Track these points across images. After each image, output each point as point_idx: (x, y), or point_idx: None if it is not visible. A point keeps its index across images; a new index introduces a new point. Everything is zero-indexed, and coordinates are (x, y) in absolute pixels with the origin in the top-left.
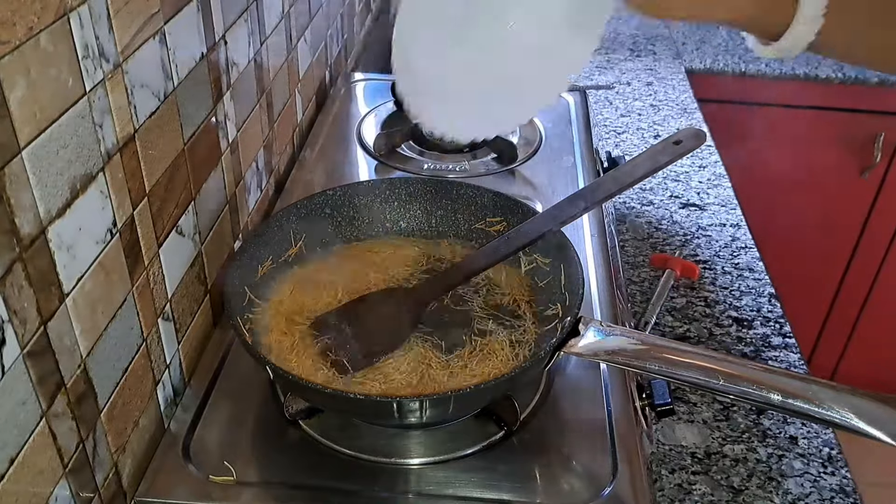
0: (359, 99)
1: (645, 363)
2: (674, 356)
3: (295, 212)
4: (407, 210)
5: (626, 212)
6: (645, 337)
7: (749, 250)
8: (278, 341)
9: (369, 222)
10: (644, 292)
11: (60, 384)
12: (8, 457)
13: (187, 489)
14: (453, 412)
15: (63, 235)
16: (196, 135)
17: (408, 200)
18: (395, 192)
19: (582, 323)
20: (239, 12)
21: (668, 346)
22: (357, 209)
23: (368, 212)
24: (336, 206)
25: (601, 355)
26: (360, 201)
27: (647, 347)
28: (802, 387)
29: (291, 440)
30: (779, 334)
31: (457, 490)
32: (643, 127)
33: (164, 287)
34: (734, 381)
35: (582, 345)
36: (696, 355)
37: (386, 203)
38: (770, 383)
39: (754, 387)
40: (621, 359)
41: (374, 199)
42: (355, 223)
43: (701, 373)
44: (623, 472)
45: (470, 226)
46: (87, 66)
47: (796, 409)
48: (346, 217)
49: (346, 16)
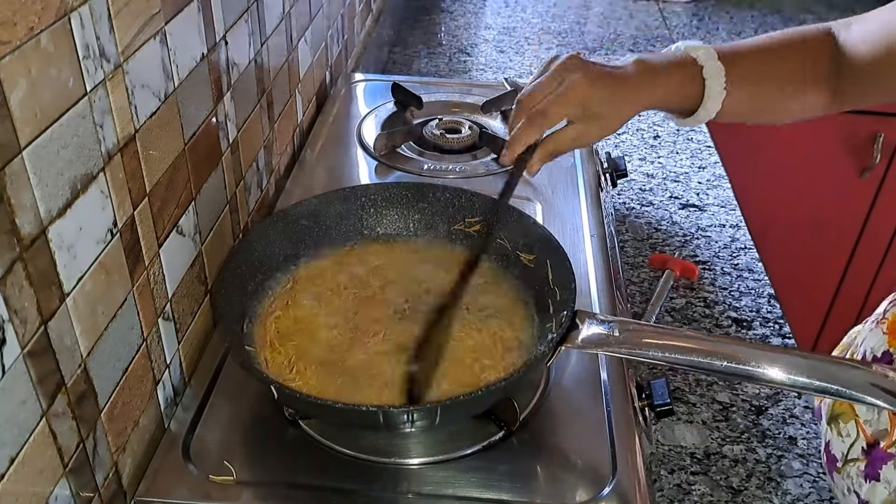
0: (359, 99)
1: (644, 350)
2: (670, 341)
3: (272, 225)
4: (384, 216)
5: (625, 212)
6: (642, 326)
7: (748, 251)
8: (272, 357)
9: (347, 230)
10: (644, 293)
11: (61, 384)
12: (8, 456)
13: (187, 489)
14: (459, 416)
15: (63, 235)
16: (196, 135)
17: (384, 206)
18: (370, 198)
19: (579, 317)
20: (239, 12)
21: (665, 333)
22: (333, 217)
23: (346, 219)
24: (313, 215)
25: (600, 349)
26: (335, 210)
27: (646, 334)
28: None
29: (291, 440)
30: (778, 335)
31: (456, 490)
32: (643, 127)
33: (165, 287)
34: (733, 360)
35: (582, 338)
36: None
37: (363, 209)
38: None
39: (752, 364)
40: (621, 349)
41: (351, 205)
42: (333, 232)
43: (702, 354)
44: (622, 473)
45: (449, 227)
46: (88, 67)
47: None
48: (324, 227)
49: (347, 16)
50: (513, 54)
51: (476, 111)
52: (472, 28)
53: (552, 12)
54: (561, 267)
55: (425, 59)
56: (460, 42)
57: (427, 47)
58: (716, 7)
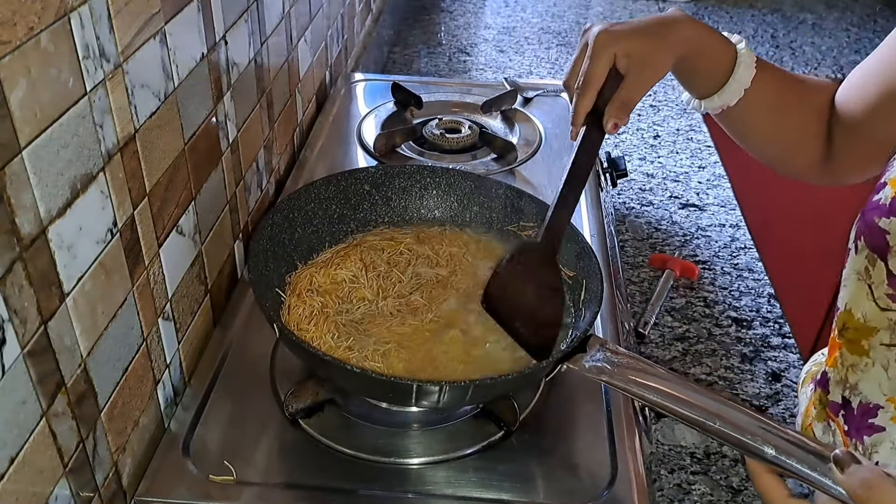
0: (359, 99)
1: (643, 392)
2: (671, 390)
3: (335, 182)
4: (443, 200)
5: (625, 212)
6: (648, 365)
7: (748, 251)
8: (296, 305)
9: (405, 207)
10: (644, 292)
11: (61, 384)
12: (8, 456)
13: (187, 489)
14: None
15: (63, 235)
16: (196, 135)
17: (447, 191)
18: (435, 180)
19: (590, 343)
20: (239, 12)
21: (669, 379)
22: (396, 191)
23: (406, 196)
24: (376, 184)
25: (601, 377)
26: (399, 184)
27: (647, 376)
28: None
29: (291, 440)
30: (778, 334)
31: (456, 490)
32: (643, 127)
33: (165, 287)
34: (728, 426)
35: (585, 363)
36: (697, 393)
37: (425, 190)
38: (763, 436)
39: (748, 436)
40: (620, 383)
41: (414, 184)
42: (391, 205)
43: (698, 412)
44: (622, 472)
45: (502, 226)
46: (88, 67)
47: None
48: (384, 198)
49: (346, 16)
50: (513, 54)
51: (476, 111)
52: (472, 28)
53: (552, 12)
54: (594, 293)
55: (425, 58)
56: (460, 42)
57: (427, 47)
58: (716, 7)
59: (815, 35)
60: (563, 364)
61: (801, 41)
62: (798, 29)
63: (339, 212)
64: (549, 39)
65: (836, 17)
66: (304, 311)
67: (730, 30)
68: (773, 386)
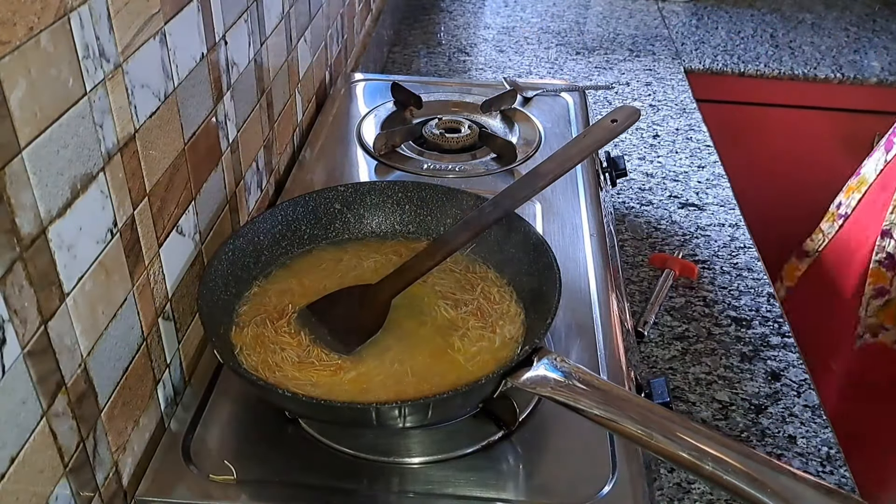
0: (359, 99)
1: (587, 408)
2: (614, 406)
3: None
4: (417, 214)
5: (625, 212)
6: (593, 381)
7: (748, 250)
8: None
9: (350, 224)
10: (643, 292)
11: (61, 384)
12: (8, 456)
13: (187, 488)
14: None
15: (63, 235)
16: (196, 135)
17: (419, 205)
18: (407, 194)
19: (536, 356)
20: (239, 12)
21: (617, 397)
22: (337, 212)
23: (348, 214)
24: (346, 202)
25: (544, 392)
26: (371, 200)
27: (589, 391)
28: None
29: (291, 439)
30: (777, 334)
31: (456, 489)
32: (642, 127)
33: (165, 286)
34: (664, 441)
35: (527, 377)
36: (645, 410)
37: (398, 205)
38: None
39: (685, 451)
40: (561, 398)
41: (386, 200)
42: (335, 225)
43: (641, 431)
44: (622, 472)
45: (442, 230)
46: (88, 67)
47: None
48: (328, 219)
49: (346, 16)
50: (512, 54)
51: (475, 111)
52: (472, 28)
53: (551, 12)
54: (549, 297)
55: (425, 58)
56: (460, 42)
57: (427, 47)
58: (715, 6)
59: (814, 35)
60: (504, 380)
61: (800, 41)
62: (797, 28)
63: (309, 232)
64: (548, 39)
65: (835, 17)
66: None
67: (729, 29)
68: (772, 385)
